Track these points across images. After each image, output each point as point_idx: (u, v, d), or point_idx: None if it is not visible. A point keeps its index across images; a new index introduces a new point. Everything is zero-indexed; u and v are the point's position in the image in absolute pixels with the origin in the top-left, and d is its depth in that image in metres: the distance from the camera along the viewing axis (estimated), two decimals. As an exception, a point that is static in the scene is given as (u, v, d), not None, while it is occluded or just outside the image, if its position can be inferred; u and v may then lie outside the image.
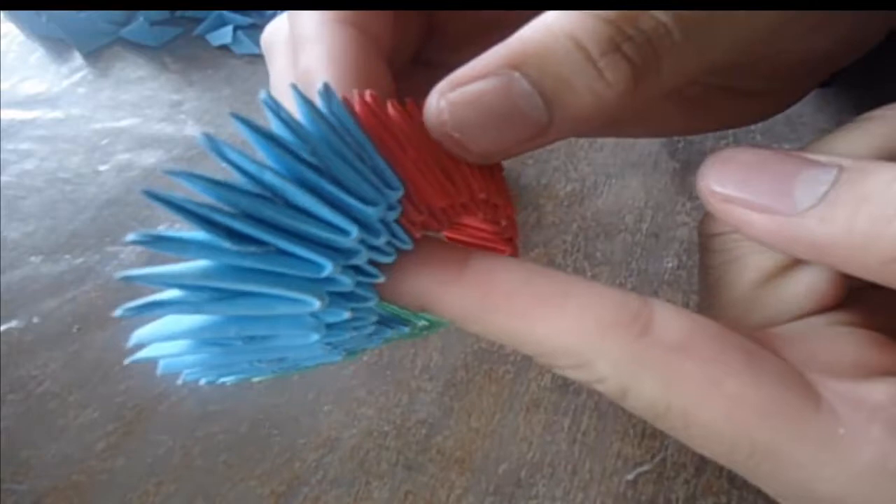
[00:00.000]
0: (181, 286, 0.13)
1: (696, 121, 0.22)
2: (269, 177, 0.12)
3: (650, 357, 0.14)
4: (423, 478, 0.32)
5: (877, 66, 0.59)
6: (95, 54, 0.56)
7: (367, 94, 0.15)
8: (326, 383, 0.35)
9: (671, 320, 0.14)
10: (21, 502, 0.30)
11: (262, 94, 0.12)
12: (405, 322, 0.16)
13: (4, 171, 0.45)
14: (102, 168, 0.46)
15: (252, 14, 0.58)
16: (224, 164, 0.12)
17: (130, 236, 0.11)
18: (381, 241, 0.13)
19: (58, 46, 0.56)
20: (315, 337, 0.13)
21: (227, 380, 0.15)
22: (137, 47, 0.57)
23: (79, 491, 0.30)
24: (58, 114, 0.50)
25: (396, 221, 0.13)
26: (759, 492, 0.32)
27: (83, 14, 0.57)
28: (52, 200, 0.43)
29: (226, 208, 0.12)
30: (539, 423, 0.34)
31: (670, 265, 0.38)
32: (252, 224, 0.12)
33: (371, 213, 0.13)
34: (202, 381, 0.15)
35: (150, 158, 0.47)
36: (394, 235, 0.14)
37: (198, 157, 0.47)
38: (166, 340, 0.14)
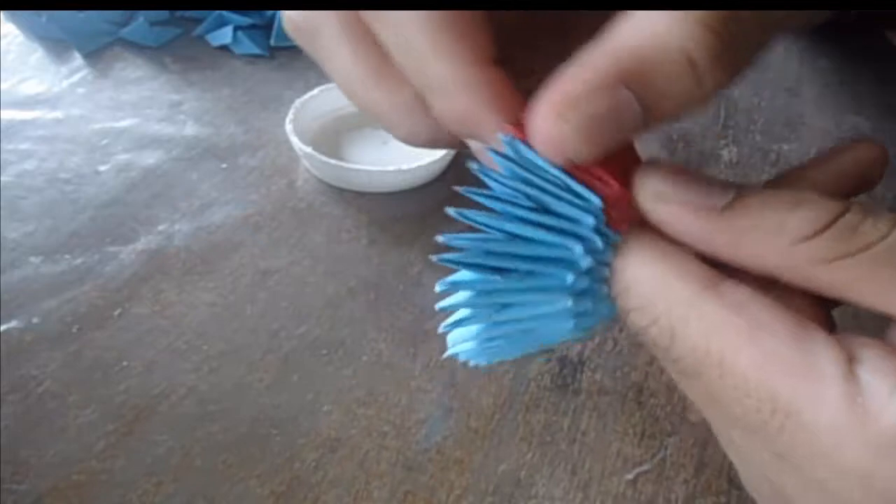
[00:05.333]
0: (474, 290, 0.18)
1: None
2: (508, 226, 0.17)
3: (704, 305, 0.16)
4: (423, 478, 0.32)
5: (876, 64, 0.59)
6: (95, 54, 0.56)
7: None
8: (326, 383, 0.35)
9: (736, 287, 0.16)
10: (21, 502, 0.30)
11: (474, 165, 0.17)
12: None
13: (4, 171, 0.45)
14: (102, 168, 0.46)
15: (252, 14, 0.58)
16: (476, 225, 0.17)
17: (441, 283, 0.18)
18: (600, 244, 0.17)
19: (58, 46, 0.56)
20: (568, 303, 0.18)
21: (493, 358, 0.20)
22: (137, 47, 0.57)
23: (79, 491, 0.30)
24: (58, 114, 0.50)
25: (606, 224, 0.17)
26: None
27: (83, 14, 0.57)
28: (52, 200, 0.44)
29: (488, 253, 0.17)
30: (539, 423, 0.34)
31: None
32: (505, 259, 0.17)
33: (583, 230, 0.17)
34: (474, 362, 0.20)
35: (150, 158, 0.47)
36: (607, 236, 0.17)
37: (197, 158, 0.47)
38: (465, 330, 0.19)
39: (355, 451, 0.32)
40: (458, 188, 0.16)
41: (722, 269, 0.18)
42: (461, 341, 0.19)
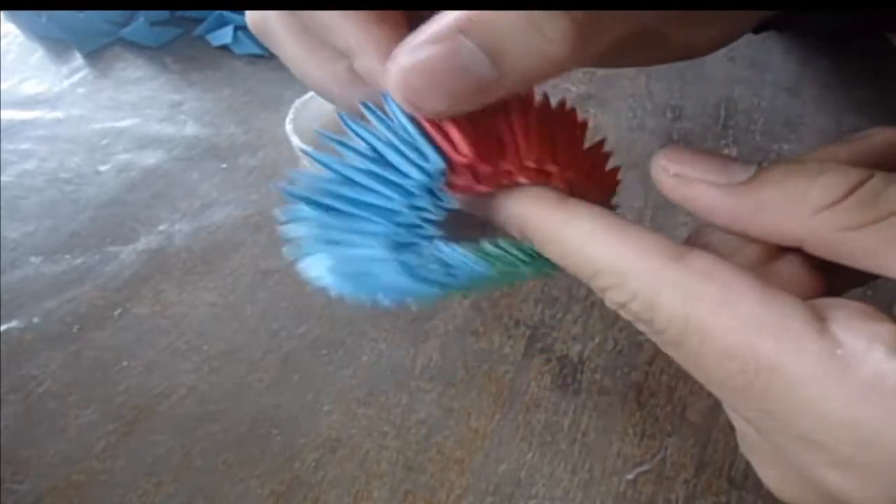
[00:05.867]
0: (309, 223, 0.20)
1: (654, 53, 0.23)
2: (344, 170, 0.18)
3: (675, 276, 0.16)
4: (423, 478, 0.32)
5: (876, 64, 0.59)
6: (95, 54, 0.56)
7: None
8: (326, 383, 0.35)
9: (702, 257, 0.16)
10: (21, 502, 0.30)
11: (343, 114, 0.18)
12: (509, 258, 0.20)
13: (4, 171, 0.45)
14: (102, 168, 0.46)
15: (252, 14, 0.58)
16: (318, 164, 0.18)
17: (284, 212, 0.20)
18: (425, 203, 0.18)
19: (58, 46, 0.56)
20: (385, 252, 0.19)
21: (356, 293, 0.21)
22: (137, 47, 0.57)
23: (79, 491, 0.30)
24: (58, 114, 0.50)
25: (442, 188, 0.18)
26: (758, 492, 0.32)
27: (83, 14, 0.57)
28: (52, 200, 0.44)
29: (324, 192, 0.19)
30: (539, 423, 0.34)
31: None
32: (336, 199, 0.18)
33: (410, 185, 0.18)
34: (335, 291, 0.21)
35: (150, 158, 0.47)
36: (437, 197, 0.18)
37: (198, 157, 0.47)
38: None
39: (355, 451, 0.32)
40: (315, 130, 0.18)
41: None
42: (313, 269, 0.21)
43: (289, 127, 0.46)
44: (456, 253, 0.20)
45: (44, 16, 0.57)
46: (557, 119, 0.20)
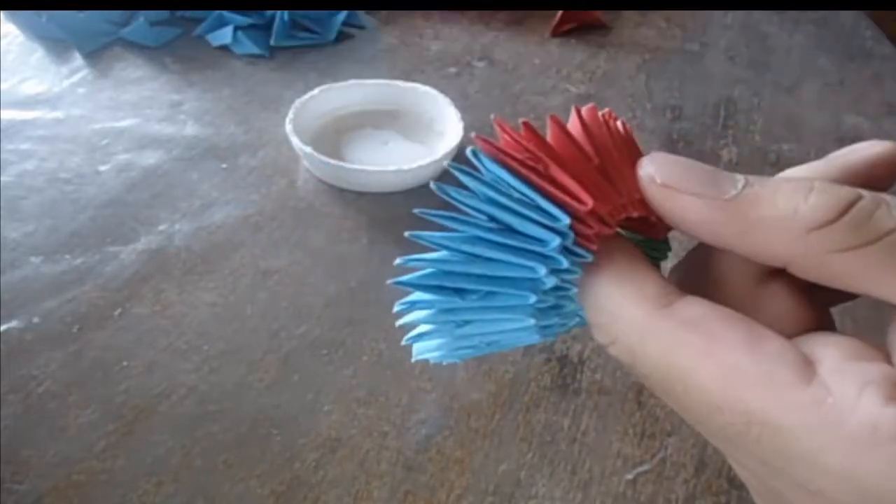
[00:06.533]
0: (434, 309, 0.18)
1: None
2: (467, 247, 0.16)
3: (660, 325, 0.15)
4: (423, 478, 0.32)
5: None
6: (95, 54, 0.56)
7: (509, 133, 0.17)
8: (326, 383, 0.35)
9: (692, 304, 0.16)
10: (21, 502, 0.30)
11: (441, 186, 0.16)
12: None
13: (4, 171, 0.45)
14: (102, 168, 0.46)
15: (252, 14, 0.59)
16: (434, 245, 0.16)
17: (399, 304, 0.18)
18: (565, 264, 0.16)
19: (58, 46, 0.56)
20: (531, 321, 0.18)
21: (448, 358, 0.20)
22: (137, 47, 0.57)
23: (79, 491, 0.30)
24: (58, 114, 0.50)
25: (575, 243, 0.17)
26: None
27: (83, 14, 0.57)
28: (52, 200, 0.44)
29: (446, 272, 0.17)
30: (539, 423, 0.34)
31: (670, 265, 0.38)
32: (465, 279, 0.17)
33: (548, 250, 0.16)
34: (433, 358, 0.20)
35: (150, 158, 0.47)
36: (575, 254, 0.17)
37: (197, 158, 0.47)
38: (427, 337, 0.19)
39: (355, 451, 0.32)
40: (415, 210, 0.16)
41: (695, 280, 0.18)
42: (427, 351, 0.19)
43: (289, 127, 0.46)
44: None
45: (44, 16, 0.57)
46: (627, 139, 0.19)
